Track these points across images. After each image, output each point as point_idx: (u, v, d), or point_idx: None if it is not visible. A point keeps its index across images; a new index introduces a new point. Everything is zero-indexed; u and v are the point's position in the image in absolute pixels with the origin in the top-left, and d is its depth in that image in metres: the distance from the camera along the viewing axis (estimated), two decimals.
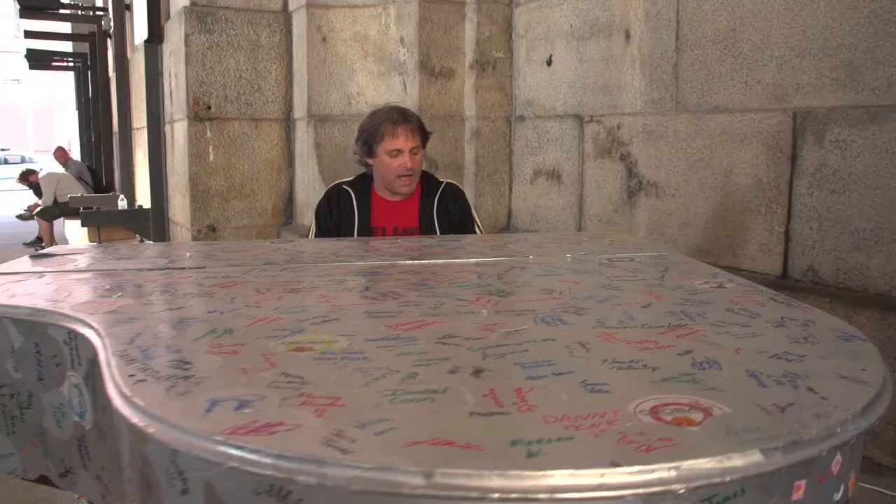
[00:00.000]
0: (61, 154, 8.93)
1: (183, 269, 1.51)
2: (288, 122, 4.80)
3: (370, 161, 2.33)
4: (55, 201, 7.36)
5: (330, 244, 1.82)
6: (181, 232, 4.91)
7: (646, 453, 0.60)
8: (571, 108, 4.00)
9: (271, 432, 0.68)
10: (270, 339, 0.98)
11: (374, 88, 4.50)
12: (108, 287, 1.36)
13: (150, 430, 0.74)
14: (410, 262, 1.52)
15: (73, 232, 5.91)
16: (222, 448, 0.67)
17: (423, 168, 3.73)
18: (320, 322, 1.05)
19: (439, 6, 4.38)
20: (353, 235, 2.32)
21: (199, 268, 1.52)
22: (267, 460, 0.64)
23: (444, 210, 2.35)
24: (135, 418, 0.77)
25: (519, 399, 0.73)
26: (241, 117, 4.65)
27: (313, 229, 2.41)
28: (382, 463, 0.61)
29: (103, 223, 5.41)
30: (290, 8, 4.65)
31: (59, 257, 1.72)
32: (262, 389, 0.79)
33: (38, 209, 7.63)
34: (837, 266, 2.73)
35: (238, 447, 0.66)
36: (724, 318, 1.02)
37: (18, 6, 6.87)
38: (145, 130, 5.36)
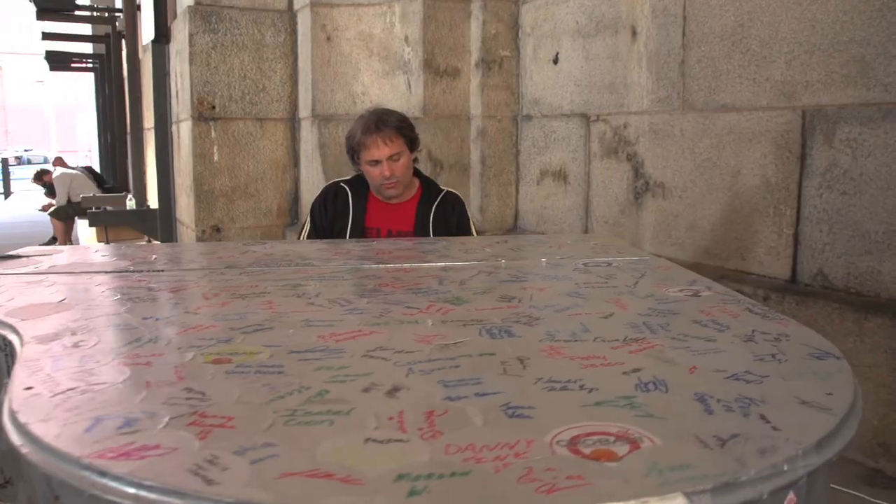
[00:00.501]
0: (59, 164, 8.97)
1: (141, 272, 1.45)
2: (293, 122, 4.75)
3: (360, 168, 2.28)
4: (69, 201, 7.40)
5: (301, 247, 1.76)
6: (187, 232, 4.88)
7: (546, 495, 0.52)
8: (578, 107, 3.90)
9: (142, 457, 0.61)
10: (192, 349, 0.91)
11: (378, 88, 4.44)
12: (55, 291, 1.30)
13: (25, 451, 0.68)
14: (376, 266, 1.45)
15: (84, 232, 5.92)
16: (86, 473, 0.60)
17: (426, 170, 3.63)
18: (252, 331, 0.98)
19: (444, 4, 4.30)
20: (346, 234, 2.26)
21: (158, 271, 1.46)
22: (128, 489, 0.57)
23: (441, 218, 2.28)
24: (13, 436, 0.71)
25: (427, 423, 0.65)
26: (246, 117, 4.61)
27: (307, 227, 2.35)
28: (244, 497, 0.53)
29: (110, 223, 5.40)
30: (295, 7, 4.60)
31: (24, 259, 1.67)
32: (155, 406, 0.72)
33: (52, 209, 7.68)
34: (848, 270, 2.61)
35: (101, 473, 0.59)
36: (689, 330, 0.93)
37: (35, 8, 6.94)
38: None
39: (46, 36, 9.20)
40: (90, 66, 11.30)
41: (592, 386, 0.73)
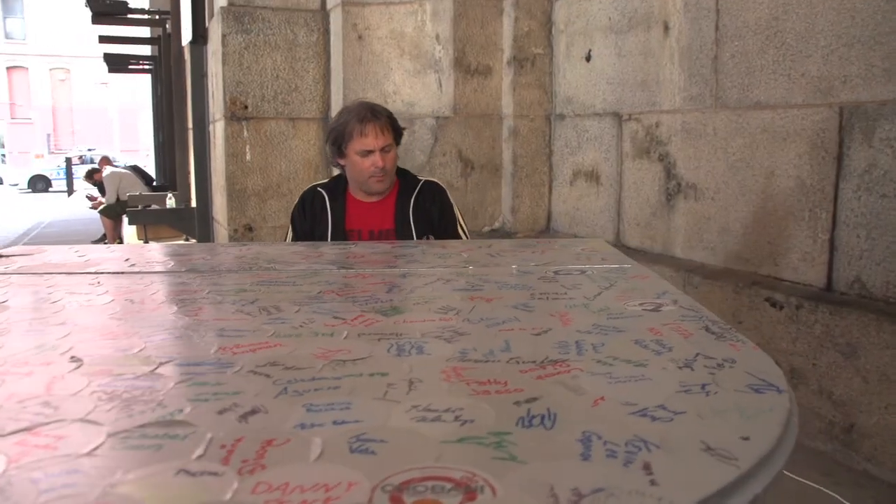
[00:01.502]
0: (106, 163, 9.26)
1: (99, 274, 1.42)
2: (326, 122, 4.72)
3: (341, 162, 2.20)
4: (117, 199, 7.61)
5: (276, 249, 1.70)
6: (221, 231, 4.93)
7: None
8: (610, 106, 3.76)
9: None
10: (85, 358, 0.85)
11: (410, 87, 4.38)
12: (5, 292, 1.27)
13: None
14: (338, 270, 1.38)
15: (128, 230, 6.07)
16: None
17: (456, 170, 3.52)
18: (158, 341, 0.92)
19: (476, 1, 4.22)
20: (326, 239, 2.19)
21: (119, 273, 1.43)
22: None
23: (420, 210, 2.18)
24: None
25: (256, 455, 0.57)
26: (278, 117, 4.60)
27: (289, 235, 2.30)
28: None
29: (149, 222, 5.50)
30: (328, 6, 4.58)
31: (4, 258, 1.67)
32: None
33: (102, 207, 7.90)
34: (887, 279, 2.42)
35: None
36: (623, 352, 0.83)
37: (91, 13, 7.18)
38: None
39: (103, 39, 9.53)
40: (147, 67, 11.66)
41: (470, 417, 0.64)
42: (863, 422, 2.44)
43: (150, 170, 11.90)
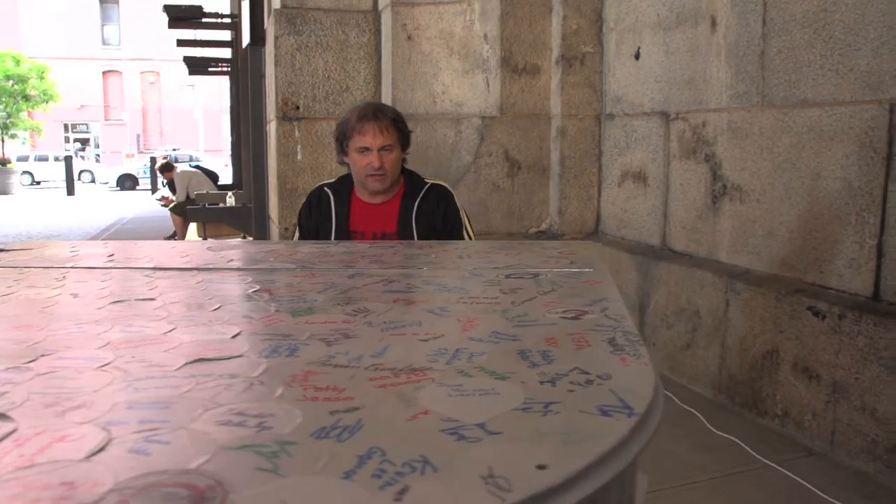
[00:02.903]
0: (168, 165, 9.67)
1: (71, 269, 1.47)
2: None
3: (345, 160, 2.21)
4: (187, 197, 7.92)
5: (256, 248, 1.72)
6: (275, 229, 5.05)
7: None
8: (658, 105, 3.63)
9: None
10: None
11: (458, 87, 4.36)
12: None
13: None
14: (292, 269, 1.37)
15: (190, 227, 6.29)
16: None
17: (502, 171, 3.46)
18: (62, 334, 0.94)
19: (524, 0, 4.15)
20: (330, 239, 2.20)
21: (90, 268, 1.47)
22: None
23: (424, 214, 2.15)
24: None
25: (37, 450, 0.57)
26: (329, 117, 4.66)
27: (296, 234, 2.32)
28: None
29: (207, 219, 5.69)
30: (380, 7, 4.62)
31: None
32: None
33: (172, 205, 8.26)
34: None
35: None
36: (495, 363, 0.78)
37: (168, 18, 7.52)
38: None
39: (181, 43, 9.99)
40: (225, 70, 12.13)
41: (273, 424, 0.61)
42: None
43: (228, 169, 12.32)
